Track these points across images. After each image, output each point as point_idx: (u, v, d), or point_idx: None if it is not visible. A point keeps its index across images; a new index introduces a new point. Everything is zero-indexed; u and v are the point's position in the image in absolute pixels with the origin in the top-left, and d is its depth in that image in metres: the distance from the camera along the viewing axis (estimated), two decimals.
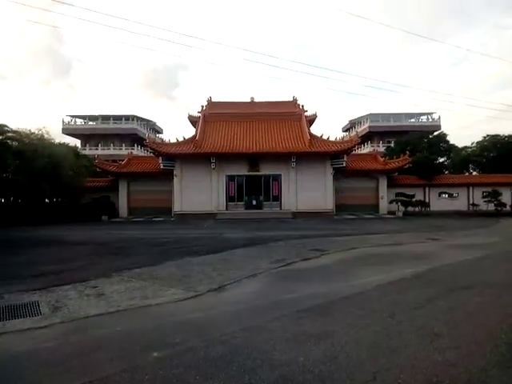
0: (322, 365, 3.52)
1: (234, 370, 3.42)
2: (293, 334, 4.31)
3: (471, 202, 31.53)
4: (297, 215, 26.90)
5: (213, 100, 35.45)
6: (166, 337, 4.33)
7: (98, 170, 29.70)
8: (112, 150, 47.31)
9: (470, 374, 3.32)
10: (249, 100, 36.50)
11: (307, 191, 28.20)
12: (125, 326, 4.76)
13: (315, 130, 32.11)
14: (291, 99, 35.84)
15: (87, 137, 50.71)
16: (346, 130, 63.32)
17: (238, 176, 28.63)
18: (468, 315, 5.00)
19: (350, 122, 61.20)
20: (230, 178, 28.59)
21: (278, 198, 28.77)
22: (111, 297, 6.14)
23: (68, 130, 49.92)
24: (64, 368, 3.59)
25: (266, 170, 28.46)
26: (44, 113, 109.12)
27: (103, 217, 26.70)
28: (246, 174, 28.52)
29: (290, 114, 32.25)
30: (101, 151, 45.80)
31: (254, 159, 28.12)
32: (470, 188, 32.05)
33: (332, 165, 28.39)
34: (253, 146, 28.15)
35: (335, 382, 3.20)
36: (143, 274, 7.90)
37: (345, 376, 3.30)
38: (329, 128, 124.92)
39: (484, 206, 30.25)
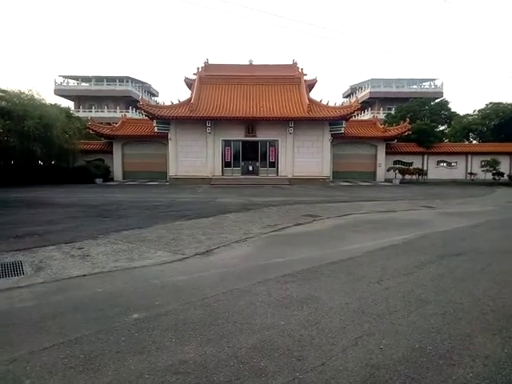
0: (303, 329, 3.43)
1: (212, 334, 3.32)
2: (276, 299, 4.22)
3: (469, 171, 31.37)
4: (293, 182, 26.74)
5: (210, 62, 34.24)
6: (147, 299, 4.23)
7: (91, 132, 29.09)
8: (106, 113, 46.31)
9: (454, 341, 3.24)
10: (247, 63, 35.27)
11: (304, 158, 27.88)
12: (107, 288, 4.65)
13: (315, 95, 31.46)
14: (291, 63, 34.66)
15: (80, 98, 49.41)
16: (347, 95, 61.93)
17: (235, 141, 28.14)
18: (457, 282, 4.91)
19: (351, 87, 59.76)
20: (226, 143, 28.11)
21: (274, 164, 28.47)
22: (96, 258, 6.02)
23: (60, 91, 48.53)
24: (38, 328, 3.48)
25: (263, 136, 27.93)
26: (36, 73, 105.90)
27: (97, 180, 26.44)
28: (243, 138, 28.02)
29: (289, 78, 31.27)
30: (94, 113, 44.77)
31: (250, 124, 27.53)
32: (469, 157, 31.77)
33: (330, 131, 27.88)
34: (250, 111, 27.46)
35: (315, 346, 3.11)
36: (131, 236, 7.78)
37: (325, 341, 3.21)
38: (329, 93, 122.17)
39: (482, 175, 30.14)
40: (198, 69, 31.66)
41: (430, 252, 6.55)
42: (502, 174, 29.36)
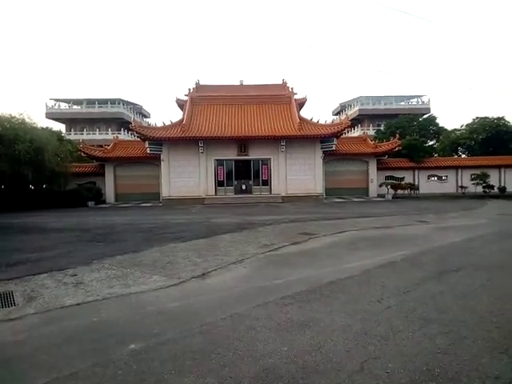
0: (306, 355, 3.34)
1: (214, 363, 3.22)
2: (277, 323, 4.12)
3: (460, 185, 31.71)
4: (286, 199, 26.73)
5: (201, 83, 34.66)
6: (144, 328, 4.10)
7: (83, 155, 28.94)
8: (98, 135, 46.27)
9: (462, 362, 3.17)
10: (238, 83, 35.78)
11: (297, 175, 27.97)
12: (102, 317, 4.51)
13: (305, 113, 31.79)
14: (281, 82, 35.24)
15: (72, 121, 49.41)
16: (337, 113, 62.91)
17: (227, 160, 28.19)
18: (458, 299, 4.87)
19: (341, 105, 60.78)
20: (219, 163, 28.15)
21: (267, 183, 28.49)
22: (90, 285, 5.88)
23: (52, 115, 48.53)
24: (31, 363, 3.35)
25: (255, 154, 28.05)
26: (27, 97, 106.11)
27: (89, 203, 26.15)
28: (235, 158, 28.09)
29: (280, 97, 31.69)
30: (86, 136, 44.76)
31: (242, 143, 27.66)
32: (459, 170, 32.18)
33: (322, 148, 28.10)
34: (242, 130, 27.65)
35: (320, 373, 3.02)
36: (126, 260, 7.63)
37: (330, 367, 3.12)
38: (319, 111, 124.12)
39: (472, 189, 30.45)
40: (190, 90, 31.99)
41: (429, 268, 6.51)
42: (492, 187, 29.71)
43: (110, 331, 4.04)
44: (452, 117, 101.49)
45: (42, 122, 35.51)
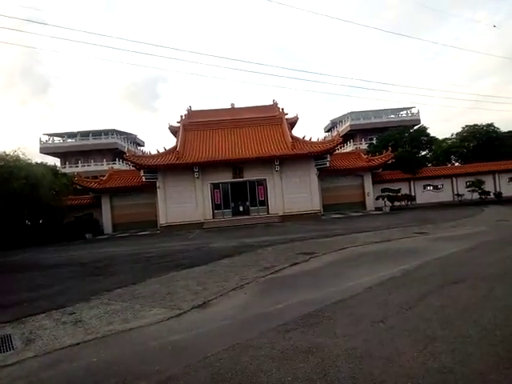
0: (311, 383, 3.27)
1: None
2: (280, 351, 4.05)
3: (456, 193, 31.87)
4: (284, 218, 26.71)
5: (193, 109, 35.19)
6: (146, 365, 4.02)
7: (78, 187, 28.95)
8: (93, 166, 46.39)
9: (468, 381, 3.12)
10: (229, 106, 36.32)
11: (293, 194, 28.04)
12: (101, 356, 4.42)
13: (298, 132, 32.21)
14: (271, 103, 35.81)
15: (66, 154, 49.57)
16: (328, 130, 63.65)
17: (223, 183, 28.29)
18: (461, 312, 4.82)
19: (332, 121, 61.56)
20: (215, 186, 28.23)
21: (264, 203, 28.52)
22: (89, 323, 5.78)
23: (46, 149, 48.72)
24: None
25: (250, 176, 28.19)
26: (22, 133, 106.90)
27: (87, 235, 26.02)
28: (231, 180, 28.20)
29: (271, 118, 32.14)
30: (81, 168, 44.88)
31: (237, 165, 27.84)
32: (454, 179, 32.42)
33: (316, 165, 28.30)
34: (235, 153, 27.89)
35: None
36: (125, 294, 7.53)
37: None
38: (311, 129, 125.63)
39: (468, 196, 30.61)
40: (182, 116, 32.43)
41: (430, 282, 6.47)
42: (487, 193, 29.88)
43: (110, 371, 3.95)
44: (443, 127, 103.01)
45: (36, 157, 35.77)
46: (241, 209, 28.42)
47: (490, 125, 36.34)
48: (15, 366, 4.41)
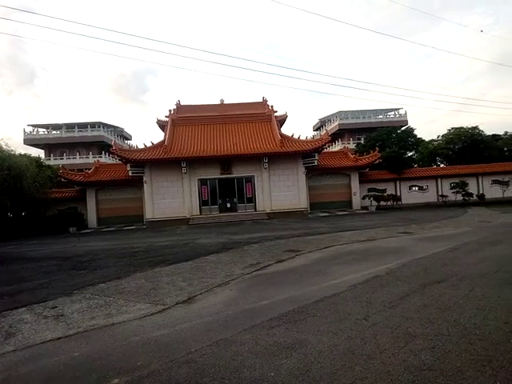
0: (293, 379, 3.30)
1: None
2: (264, 347, 4.07)
3: (440, 194, 32.41)
4: (272, 216, 26.77)
5: (182, 103, 34.87)
6: (128, 360, 3.98)
7: (63, 180, 28.44)
8: (78, 159, 45.66)
9: (447, 377, 3.19)
10: (218, 102, 36.13)
11: (281, 191, 28.13)
12: (83, 351, 4.37)
13: (286, 129, 32.30)
14: (261, 100, 35.78)
15: (51, 146, 48.64)
16: (317, 128, 63.98)
17: (211, 179, 28.16)
18: (442, 311, 4.91)
19: (321, 120, 61.86)
20: (203, 182, 28.09)
21: (252, 200, 28.52)
22: (71, 317, 5.71)
23: (30, 141, 47.69)
24: None
25: (238, 172, 28.13)
26: (6, 123, 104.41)
27: (71, 229, 25.59)
28: (219, 176, 28.10)
29: (260, 115, 32.10)
30: (66, 161, 44.11)
31: (225, 162, 27.74)
32: (439, 180, 32.95)
33: (304, 164, 28.41)
34: (224, 149, 27.77)
35: None
36: (108, 288, 7.45)
37: None
38: (300, 127, 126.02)
39: (453, 197, 31.15)
40: (170, 111, 32.10)
41: (413, 281, 6.58)
42: (471, 195, 30.45)
43: (91, 366, 3.91)
44: (430, 129, 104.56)
45: (20, 148, 34.96)
46: (228, 205, 28.36)
47: (475, 128, 37.00)
48: None
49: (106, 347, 4.43)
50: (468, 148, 35.91)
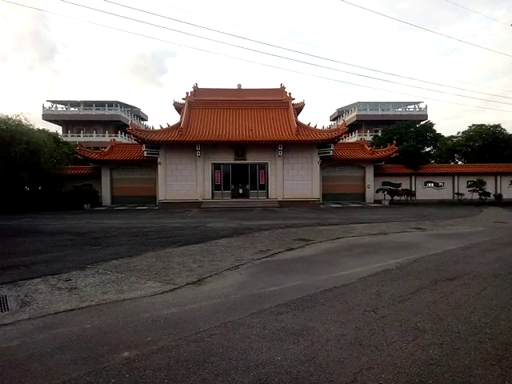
0: (300, 365, 3.33)
1: (206, 373, 3.20)
2: (271, 331, 4.11)
3: (456, 191, 31.85)
4: (283, 204, 26.76)
5: (199, 87, 34.74)
6: (138, 335, 4.07)
7: (79, 157, 28.87)
8: (95, 137, 46.18)
9: (454, 374, 3.17)
10: (236, 87, 35.89)
11: (294, 180, 28.06)
12: (95, 323, 4.48)
13: (303, 118, 31.96)
14: (279, 87, 35.39)
15: (69, 123, 49.29)
16: (334, 118, 63.19)
17: (224, 164, 28.22)
18: (452, 308, 4.87)
19: (338, 110, 61.05)
20: (216, 167, 28.16)
21: (264, 187, 28.53)
22: (84, 291, 5.85)
23: (48, 116, 48.36)
24: (23, 371, 3.31)
25: (252, 159, 28.10)
26: (25, 98, 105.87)
27: (85, 205, 26.09)
28: (232, 162, 28.12)
29: (278, 102, 31.81)
30: (83, 138, 44.72)
31: (240, 147, 27.71)
32: (455, 177, 32.34)
33: (319, 153, 28.20)
34: (239, 134, 27.71)
35: None
36: (121, 265, 7.60)
37: (324, 377, 3.11)
38: (317, 116, 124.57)
39: (469, 195, 30.60)
40: (188, 93, 32.05)
41: (424, 277, 6.52)
42: (488, 194, 29.85)
43: (103, 338, 4.01)
44: (451, 124, 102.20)
45: (38, 123, 35.53)
46: (240, 191, 28.43)
47: (497, 126, 36.03)
48: (10, 326, 4.47)
49: (117, 322, 4.53)
50: (488, 146, 35.05)
